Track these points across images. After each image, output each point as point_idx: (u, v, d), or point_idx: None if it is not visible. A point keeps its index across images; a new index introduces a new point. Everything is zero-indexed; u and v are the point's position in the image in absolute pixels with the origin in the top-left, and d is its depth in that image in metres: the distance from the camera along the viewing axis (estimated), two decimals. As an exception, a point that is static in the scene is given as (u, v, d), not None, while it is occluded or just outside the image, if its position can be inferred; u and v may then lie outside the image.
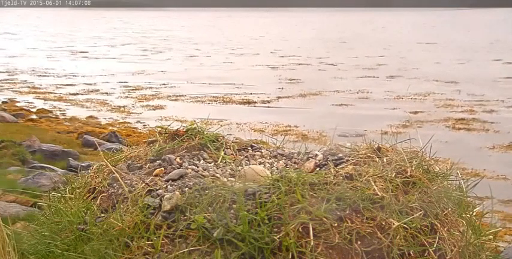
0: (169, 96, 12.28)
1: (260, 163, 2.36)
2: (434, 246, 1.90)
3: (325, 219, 1.80)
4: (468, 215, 2.21)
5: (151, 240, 1.84)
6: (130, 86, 13.61)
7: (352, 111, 10.37)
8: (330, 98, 11.82)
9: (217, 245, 1.77)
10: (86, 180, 2.36)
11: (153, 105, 11.11)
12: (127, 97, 12.16)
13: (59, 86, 13.51)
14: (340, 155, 2.33)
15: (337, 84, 13.65)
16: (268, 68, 17.65)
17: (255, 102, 11.45)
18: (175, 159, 2.29)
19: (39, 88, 13.17)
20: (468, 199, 2.29)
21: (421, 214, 1.93)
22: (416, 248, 1.86)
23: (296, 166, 2.32)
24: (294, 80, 14.73)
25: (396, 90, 12.76)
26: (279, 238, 1.76)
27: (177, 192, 1.93)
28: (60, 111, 10.42)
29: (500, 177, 6.44)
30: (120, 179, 2.10)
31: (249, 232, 1.77)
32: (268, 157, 2.44)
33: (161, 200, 1.93)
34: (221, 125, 2.67)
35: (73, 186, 2.43)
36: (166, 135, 2.51)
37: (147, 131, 8.43)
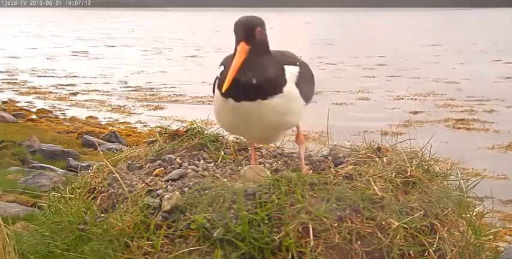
0: (169, 96, 12.28)
1: (260, 163, 2.36)
2: (434, 246, 1.90)
3: (325, 219, 1.80)
4: (468, 215, 2.21)
5: (151, 240, 1.84)
6: (130, 86, 13.60)
7: (352, 111, 10.36)
8: (330, 98, 11.81)
9: (217, 245, 1.78)
10: (86, 180, 2.36)
11: (153, 105, 11.10)
12: (127, 97, 12.16)
13: (59, 86, 13.51)
14: (340, 155, 2.33)
15: (337, 84, 13.63)
16: (268, 68, 17.58)
17: (255, 102, 11.42)
18: (175, 159, 2.29)
19: (39, 88, 13.15)
20: (468, 199, 2.29)
21: (421, 214, 1.93)
22: (416, 248, 1.86)
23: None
24: (294, 80, 14.68)
25: (396, 90, 12.74)
26: (279, 238, 1.76)
27: (177, 192, 1.93)
28: (60, 111, 10.42)
29: (501, 177, 6.44)
30: (120, 179, 2.11)
31: (249, 232, 1.77)
32: (268, 157, 2.44)
33: (161, 200, 1.93)
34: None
35: (73, 186, 2.44)
36: (166, 135, 2.51)
37: (147, 131, 8.43)
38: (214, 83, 2.04)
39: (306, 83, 2.03)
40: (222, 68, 1.98)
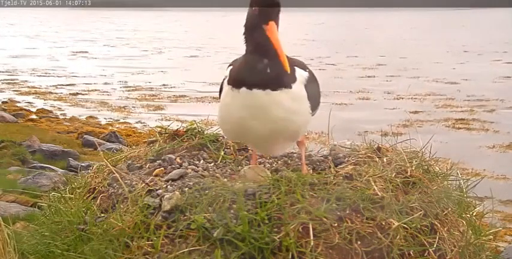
0: (169, 96, 12.28)
1: (260, 163, 2.36)
2: (434, 246, 1.90)
3: (325, 219, 1.80)
4: (468, 215, 2.21)
5: (151, 240, 1.84)
6: (130, 86, 13.60)
7: (352, 111, 10.36)
8: (330, 98, 11.81)
9: (217, 245, 1.77)
10: (86, 180, 2.36)
11: (153, 105, 11.10)
12: (127, 97, 12.15)
13: (59, 86, 13.50)
14: (340, 155, 2.33)
15: (337, 84, 13.61)
16: (268, 68, 17.54)
17: (255, 102, 11.40)
18: (175, 159, 2.29)
19: (39, 88, 13.15)
20: (468, 199, 2.29)
21: (421, 214, 1.93)
22: (416, 248, 1.86)
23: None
24: (293, 80, 14.64)
25: (396, 90, 12.74)
26: (279, 238, 1.76)
27: (177, 192, 1.93)
28: (60, 111, 10.42)
29: (500, 177, 6.44)
30: (120, 179, 2.10)
31: (249, 232, 1.77)
32: (268, 157, 2.44)
33: (161, 200, 1.93)
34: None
35: (73, 186, 2.44)
36: (166, 135, 2.51)
37: (147, 131, 8.42)
38: (221, 88, 2.05)
39: (313, 91, 2.06)
40: (231, 67, 2.02)
